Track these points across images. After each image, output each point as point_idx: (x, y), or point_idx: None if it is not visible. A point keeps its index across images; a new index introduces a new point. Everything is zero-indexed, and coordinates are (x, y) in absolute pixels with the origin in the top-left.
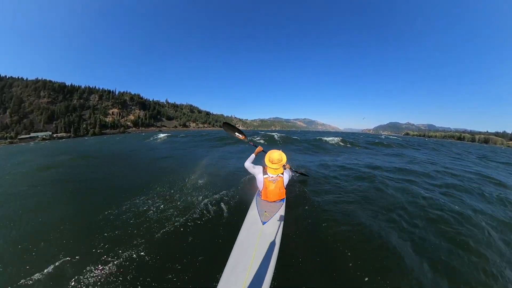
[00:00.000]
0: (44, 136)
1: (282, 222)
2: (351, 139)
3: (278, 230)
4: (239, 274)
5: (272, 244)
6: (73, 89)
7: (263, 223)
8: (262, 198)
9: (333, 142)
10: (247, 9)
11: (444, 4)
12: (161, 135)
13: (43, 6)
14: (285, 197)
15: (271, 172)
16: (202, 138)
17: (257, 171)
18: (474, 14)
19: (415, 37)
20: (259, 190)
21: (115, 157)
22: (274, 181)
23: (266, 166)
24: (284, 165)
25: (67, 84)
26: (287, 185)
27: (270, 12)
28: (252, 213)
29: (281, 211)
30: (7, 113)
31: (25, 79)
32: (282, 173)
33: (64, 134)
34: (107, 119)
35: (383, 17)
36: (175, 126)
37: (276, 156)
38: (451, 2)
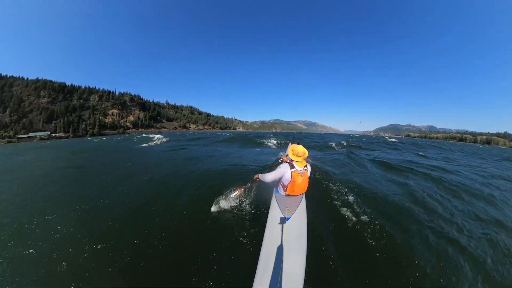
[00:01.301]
0: (42, 136)
1: (306, 216)
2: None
3: (303, 224)
4: (271, 272)
5: (299, 239)
6: (73, 89)
7: (287, 218)
8: (286, 193)
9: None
10: (247, 11)
11: (444, 5)
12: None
13: (44, 5)
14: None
15: (299, 165)
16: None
17: (283, 170)
18: (474, 15)
19: (415, 39)
20: (281, 186)
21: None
22: (302, 174)
23: (292, 160)
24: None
25: (67, 84)
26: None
27: (270, 14)
28: (274, 210)
29: (303, 205)
30: (7, 112)
31: (25, 78)
32: (306, 166)
33: (63, 134)
34: (106, 120)
35: (383, 19)
36: (175, 128)
37: (300, 149)
38: (451, 3)
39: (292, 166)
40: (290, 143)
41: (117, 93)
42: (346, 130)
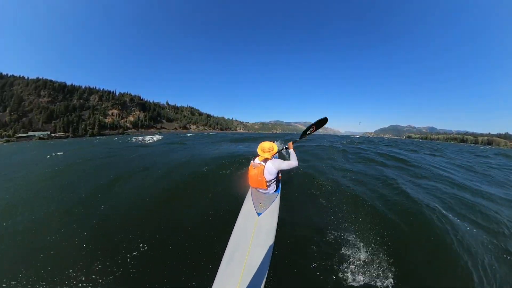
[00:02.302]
0: (41, 136)
1: (277, 214)
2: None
3: (273, 221)
4: (235, 266)
5: (268, 235)
6: (73, 89)
7: (258, 214)
8: (249, 183)
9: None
10: (247, 11)
11: (444, 4)
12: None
13: (46, 5)
14: (267, 187)
15: (258, 159)
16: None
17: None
18: (474, 14)
19: (414, 39)
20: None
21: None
22: (254, 167)
23: (258, 154)
24: (275, 155)
25: (67, 84)
26: (273, 176)
27: (269, 14)
28: (248, 205)
29: (276, 203)
30: (7, 111)
31: (26, 78)
32: (265, 161)
33: (62, 134)
34: (106, 120)
35: (383, 18)
36: (175, 128)
37: (267, 145)
38: (451, 3)
39: (253, 159)
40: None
41: (117, 93)
42: (347, 132)
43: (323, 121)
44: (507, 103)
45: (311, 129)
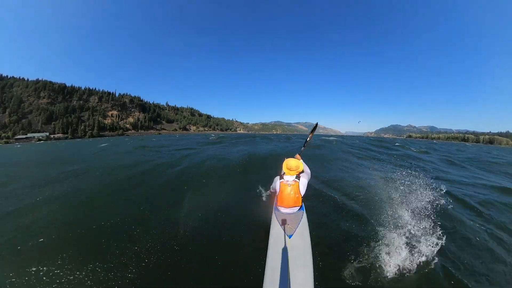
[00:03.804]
0: (40, 137)
1: (308, 233)
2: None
3: (306, 240)
4: None
5: (304, 255)
6: (73, 90)
7: (289, 236)
8: (278, 205)
9: None
10: (245, 10)
11: (443, 1)
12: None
13: (47, 5)
14: (301, 204)
15: (287, 176)
16: None
17: (274, 182)
18: (474, 12)
19: (413, 37)
20: (276, 200)
21: None
22: (289, 185)
23: (283, 172)
24: (301, 172)
25: (67, 85)
26: (305, 192)
27: (270, 15)
28: (275, 228)
29: (304, 222)
30: (6, 112)
31: (26, 79)
32: (299, 178)
33: (61, 135)
34: (105, 121)
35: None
36: (175, 129)
37: (293, 163)
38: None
39: (281, 177)
40: (285, 157)
41: (117, 94)
42: (347, 132)
43: (315, 126)
44: (508, 101)
45: (310, 136)
